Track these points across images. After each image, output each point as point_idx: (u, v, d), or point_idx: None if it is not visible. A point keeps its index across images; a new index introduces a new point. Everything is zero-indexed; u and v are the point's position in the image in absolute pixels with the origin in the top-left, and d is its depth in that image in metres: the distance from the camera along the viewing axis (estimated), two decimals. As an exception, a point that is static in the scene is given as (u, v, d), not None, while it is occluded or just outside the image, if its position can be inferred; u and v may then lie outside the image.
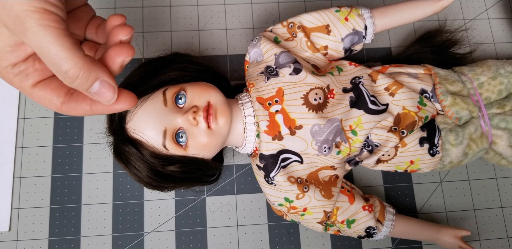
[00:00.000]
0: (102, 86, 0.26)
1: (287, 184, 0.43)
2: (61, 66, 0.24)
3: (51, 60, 0.24)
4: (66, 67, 0.24)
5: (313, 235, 0.52)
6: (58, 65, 0.24)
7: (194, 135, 0.41)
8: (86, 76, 0.25)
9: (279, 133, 0.43)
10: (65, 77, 0.25)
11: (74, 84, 0.25)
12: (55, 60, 0.24)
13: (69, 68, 0.24)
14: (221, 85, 0.48)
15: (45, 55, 0.24)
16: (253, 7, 0.59)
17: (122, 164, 0.43)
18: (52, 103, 0.28)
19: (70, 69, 0.24)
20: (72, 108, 0.28)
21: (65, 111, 0.28)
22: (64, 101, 0.28)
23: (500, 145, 0.47)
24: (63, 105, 0.28)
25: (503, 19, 0.61)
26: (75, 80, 0.25)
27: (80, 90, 0.26)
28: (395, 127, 0.45)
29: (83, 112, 0.29)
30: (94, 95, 0.26)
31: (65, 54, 0.24)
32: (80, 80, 0.25)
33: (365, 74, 0.47)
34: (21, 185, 0.51)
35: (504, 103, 0.47)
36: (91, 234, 0.50)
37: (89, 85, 0.26)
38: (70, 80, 0.25)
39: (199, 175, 0.45)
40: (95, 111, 0.28)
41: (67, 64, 0.24)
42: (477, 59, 0.58)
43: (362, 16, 0.47)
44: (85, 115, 0.29)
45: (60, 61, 0.24)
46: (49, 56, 0.24)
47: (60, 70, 0.24)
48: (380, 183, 0.54)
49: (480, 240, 0.53)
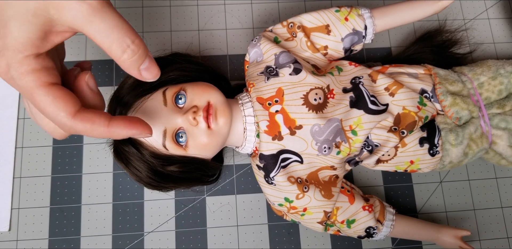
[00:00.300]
0: (151, 61, 0.26)
1: (287, 184, 0.43)
2: (129, 35, 0.24)
3: (118, 32, 0.24)
4: (133, 37, 0.24)
5: (313, 235, 0.52)
6: (126, 34, 0.24)
7: (194, 135, 0.41)
8: (145, 49, 0.25)
9: (279, 133, 0.43)
10: (129, 48, 0.24)
11: (133, 57, 0.25)
12: (123, 30, 0.24)
13: (134, 38, 0.24)
14: (221, 85, 0.48)
15: (111, 27, 0.24)
16: (253, 7, 0.59)
17: (122, 164, 0.43)
18: (58, 114, 0.25)
19: (135, 38, 0.25)
20: (83, 128, 0.26)
21: (74, 128, 0.26)
22: (74, 117, 0.26)
23: (500, 145, 0.47)
24: (72, 121, 0.26)
25: (503, 19, 0.61)
26: (137, 52, 0.25)
27: (133, 66, 0.26)
28: (395, 127, 0.45)
29: (99, 133, 0.27)
30: (144, 71, 0.26)
31: (129, 27, 0.25)
32: (141, 52, 0.25)
33: (365, 74, 0.47)
34: (21, 185, 0.51)
35: (504, 103, 0.47)
36: (91, 234, 0.50)
37: (144, 59, 0.26)
38: (133, 52, 0.25)
39: (199, 175, 0.45)
40: (113, 133, 0.27)
41: (133, 35, 0.24)
42: (477, 59, 0.58)
43: (362, 16, 0.47)
44: (100, 137, 0.27)
45: (128, 32, 0.24)
46: (116, 28, 0.24)
47: (128, 39, 0.24)
48: (380, 183, 0.54)
49: (480, 240, 0.53)
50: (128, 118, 0.28)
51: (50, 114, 0.25)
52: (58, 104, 0.25)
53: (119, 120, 0.27)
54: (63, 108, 0.25)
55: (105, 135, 0.27)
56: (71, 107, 0.25)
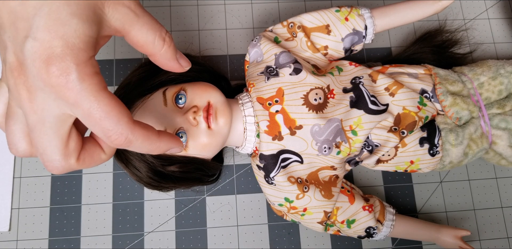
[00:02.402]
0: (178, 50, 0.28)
1: (287, 184, 0.43)
2: (162, 27, 0.26)
3: (157, 24, 0.26)
4: (164, 28, 0.26)
5: (313, 235, 0.52)
6: (161, 26, 0.26)
7: (194, 135, 0.41)
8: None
9: (279, 133, 0.43)
10: (167, 39, 0.26)
11: (171, 47, 0.26)
12: (158, 23, 0.26)
13: (165, 29, 0.26)
14: (221, 85, 0.48)
15: (152, 20, 0.26)
16: (253, 7, 0.59)
17: (122, 164, 0.43)
18: (122, 118, 0.23)
19: (165, 29, 0.26)
20: (141, 135, 0.25)
21: (133, 134, 0.24)
22: (134, 123, 0.24)
23: (500, 145, 0.47)
24: (132, 127, 0.24)
25: (503, 19, 0.61)
26: (171, 43, 0.26)
27: (173, 56, 0.27)
28: (395, 127, 0.45)
29: (148, 144, 0.26)
30: (181, 60, 0.28)
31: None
32: (173, 42, 0.27)
33: (365, 74, 0.47)
34: (21, 185, 0.51)
35: (504, 103, 0.47)
36: (91, 234, 0.50)
37: (176, 48, 0.27)
38: (170, 43, 0.26)
39: (199, 175, 0.45)
40: (161, 144, 0.26)
41: (163, 26, 0.26)
42: (477, 59, 0.58)
43: (362, 16, 0.47)
44: (145, 149, 0.26)
45: (159, 24, 0.26)
46: (154, 21, 0.26)
47: (163, 30, 0.26)
48: (380, 183, 0.54)
49: (480, 240, 0.53)
50: (170, 134, 0.28)
51: (112, 118, 0.23)
52: (122, 108, 0.23)
53: (166, 134, 0.27)
54: (126, 113, 0.24)
55: (151, 147, 0.26)
56: (129, 113, 0.24)
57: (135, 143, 0.25)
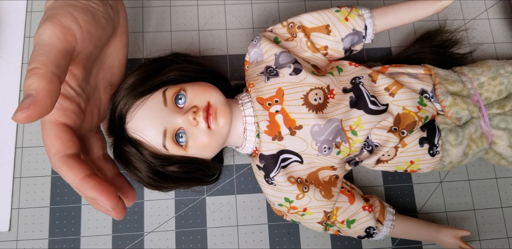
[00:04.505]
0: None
1: (287, 184, 0.43)
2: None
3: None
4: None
5: (313, 235, 0.52)
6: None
7: (194, 135, 0.41)
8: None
9: (279, 133, 0.43)
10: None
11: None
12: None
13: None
14: (221, 85, 0.48)
15: None
16: (253, 7, 0.59)
17: (122, 164, 0.43)
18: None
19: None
20: (61, 170, 0.33)
21: (53, 164, 0.34)
22: (62, 157, 0.33)
23: (500, 145, 0.47)
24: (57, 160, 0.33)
25: (503, 19, 0.61)
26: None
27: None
28: (395, 127, 0.45)
29: (69, 181, 0.33)
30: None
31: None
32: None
33: (365, 74, 0.47)
34: (21, 185, 0.51)
35: (504, 103, 0.47)
36: (91, 234, 0.50)
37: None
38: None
39: (199, 175, 0.45)
40: (80, 187, 0.33)
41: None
42: (477, 59, 0.58)
43: (362, 16, 0.47)
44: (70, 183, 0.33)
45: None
46: None
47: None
48: (380, 183, 0.54)
49: (480, 240, 0.53)
50: (101, 184, 0.32)
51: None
52: (62, 141, 0.34)
53: (92, 181, 0.32)
54: (59, 147, 0.34)
55: (73, 185, 0.32)
56: (66, 148, 0.33)
57: (59, 172, 0.33)
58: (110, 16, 0.39)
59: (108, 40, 0.41)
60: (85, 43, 0.35)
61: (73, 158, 0.33)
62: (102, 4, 0.38)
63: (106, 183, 0.33)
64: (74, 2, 0.36)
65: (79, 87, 0.38)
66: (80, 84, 0.38)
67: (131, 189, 0.42)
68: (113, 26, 0.40)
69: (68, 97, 0.37)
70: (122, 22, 0.43)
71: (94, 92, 0.42)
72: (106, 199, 0.32)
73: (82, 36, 0.35)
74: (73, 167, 0.32)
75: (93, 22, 0.36)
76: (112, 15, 0.40)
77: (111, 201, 0.32)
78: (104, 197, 0.32)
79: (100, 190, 0.32)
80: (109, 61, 0.43)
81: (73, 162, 0.33)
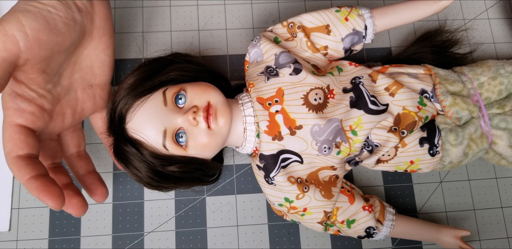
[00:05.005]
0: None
1: (287, 184, 0.43)
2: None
3: None
4: None
5: (313, 235, 0.52)
6: None
7: (194, 135, 0.41)
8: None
9: (279, 133, 0.43)
10: None
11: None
12: None
13: None
14: (221, 85, 0.48)
15: None
16: (253, 7, 0.59)
17: (122, 164, 0.43)
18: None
19: None
20: (11, 169, 0.35)
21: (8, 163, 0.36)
22: (13, 157, 0.35)
23: (500, 145, 0.47)
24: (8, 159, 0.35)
25: (503, 19, 0.61)
26: None
27: None
28: (395, 127, 0.45)
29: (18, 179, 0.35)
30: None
31: None
32: None
33: (365, 74, 0.47)
34: (21, 185, 0.51)
35: (504, 103, 0.47)
36: (91, 234, 0.50)
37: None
38: None
39: (199, 175, 0.45)
40: (27, 187, 0.35)
41: None
42: (477, 59, 0.58)
43: (362, 16, 0.47)
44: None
45: None
46: None
47: None
48: (380, 183, 0.54)
49: (480, 240, 0.53)
50: (45, 186, 0.34)
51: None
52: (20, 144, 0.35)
53: (36, 182, 0.33)
54: (12, 148, 0.35)
55: (23, 184, 0.34)
56: (17, 149, 0.35)
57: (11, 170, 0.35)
58: (74, 20, 0.38)
59: (77, 44, 0.40)
60: (34, 50, 0.34)
61: (23, 159, 0.34)
62: (64, 8, 0.37)
63: (52, 185, 0.34)
64: (28, 7, 0.35)
65: (42, 89, 0.38)
66: (45, 86, 0.38)
67: (101, 186, 0.43)
68: (79, 30, 0.39)
69: (27, 98, 0.37)
70: (100, 24, 0.42)
71: (67, 93, 0.42)
72: (48, 199, 0.33)
73: (28, 44, 0.34)
74: (21, 168, 0.34)
75: (44, 28, 0.35)
76: (79, 19, 0.38)
77: (53, 202, 0.34)
78: (46, 198, 0.33)
79: (42, 191, 0.33)
80: (87, 62, 0.43)
81: (22, 163, 0.34)
